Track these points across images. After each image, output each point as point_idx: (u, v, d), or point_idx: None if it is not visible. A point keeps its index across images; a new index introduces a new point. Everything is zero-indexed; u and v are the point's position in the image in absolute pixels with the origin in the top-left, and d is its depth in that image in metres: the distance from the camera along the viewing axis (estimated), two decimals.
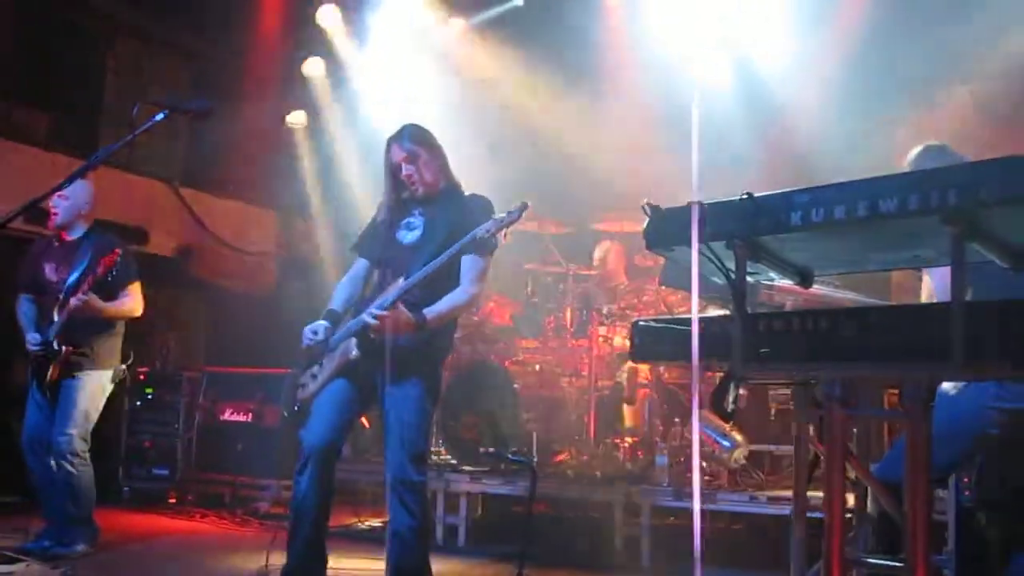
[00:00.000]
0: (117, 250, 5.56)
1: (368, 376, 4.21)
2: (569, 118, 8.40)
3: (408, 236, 4.36)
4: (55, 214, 5.74)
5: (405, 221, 4.40)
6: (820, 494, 2.51)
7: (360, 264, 4.58)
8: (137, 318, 5.88)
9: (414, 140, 4.35)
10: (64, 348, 5.55)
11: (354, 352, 4.13)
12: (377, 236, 4.50)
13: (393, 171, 4.37)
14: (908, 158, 3.95)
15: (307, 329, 4.32)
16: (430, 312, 4.09)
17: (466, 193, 4.47)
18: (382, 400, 4.24)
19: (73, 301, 5.42)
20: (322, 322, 4.33)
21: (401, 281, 4.12)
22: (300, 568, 4.21)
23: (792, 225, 2.24)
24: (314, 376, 4.30)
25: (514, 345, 7.44)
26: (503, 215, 4.01)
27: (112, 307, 5.65)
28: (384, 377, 4.15)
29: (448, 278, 4.19)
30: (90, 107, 9.07)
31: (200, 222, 9.84)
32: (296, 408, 4.38)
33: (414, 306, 4.08)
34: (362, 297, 4.48)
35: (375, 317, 4.01)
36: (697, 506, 1.79)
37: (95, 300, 5.48)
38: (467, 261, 4.22)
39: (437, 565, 4.93)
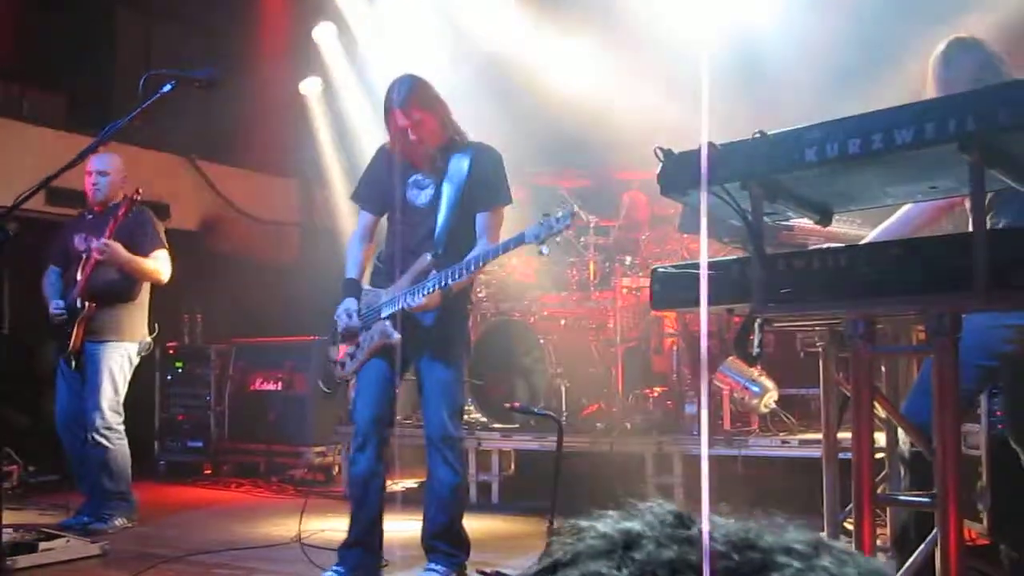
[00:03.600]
0: (138, 188, 5.57)
1: (399, 348, 4.24)
2: (585, 69, 8.30)
3: (420, 197, 4.32)
4: (96, 189, 5.75)
5: (413, 179, 4.35)
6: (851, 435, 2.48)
7: (365, 219, 4.53)
8: (164, 292, 5.90)
9: (417, 104, 4.18)
10: (87, 305, 5.56)
11: (395, 336, 4.16)
12: (380, 187, 4.45)
13: (397, 133, 4.25)
14: (935, 55, 3.71)
15: (341, 312, 4.33)
16: (455, 281, 4.10)
17: (473, 140, 4.40)
18: (414, 363, 4.33)
19: (95, 245, 5.42)
20: (351, 300, 4.34)
21: (428, 257, 4.12)
22: (362, 542, 4.27)
23: (807, 162, 2.20)
24: (351, 356, 4.33)
25: (538, 301, 7.42)
26: (553, 220, 3.87)
27: (136, 260, 5.64)
28: (413, 344, 4.24)
29: (467, 234, 4.23)
30: (103, 85, 9.06)
31: (221, 195, 9.85)
32: (336, 385, 4.45)
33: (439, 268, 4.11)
34: (373, 255, 4.52)
35: (411, 307, 4.09)
36: (705, 452, 1.77)
37: (117, 246, 5.48)
38: (482, 218, 4.27)
39: (472, 522, 4.96)
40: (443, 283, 4.04)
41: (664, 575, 0.89)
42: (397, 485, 6.97)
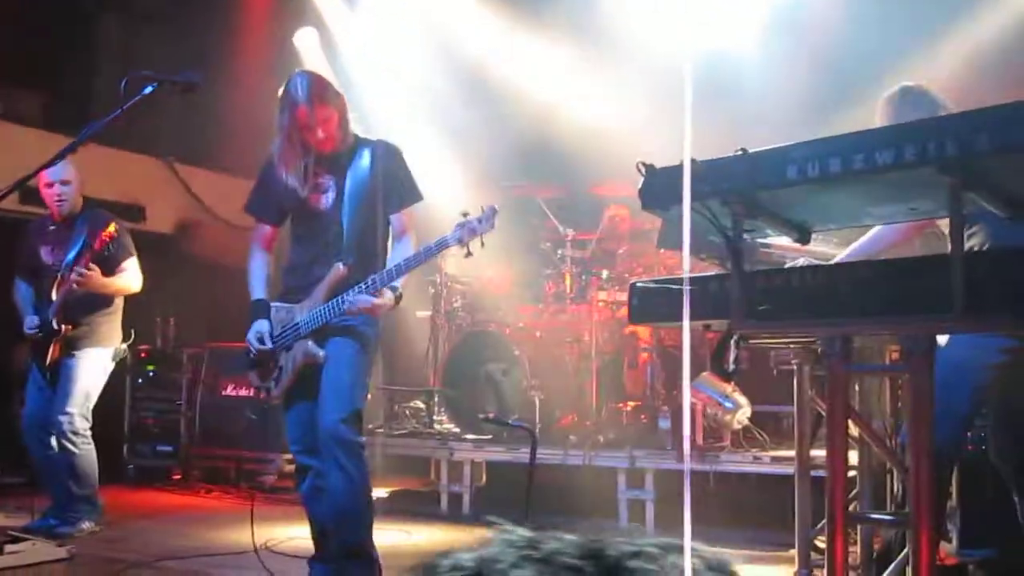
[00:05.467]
0: (113, 222, 5.53)
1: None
2: (566, 81, 8.33)
3: (322, 200, 4.15)
4: (62, 201, 5.67)
5: (313, 183, 4.15)
6: (824, 453, 2.49)
7: (263, 231, 4.39)
8: (137, 295, 5.87)
9: (321, 100, 4.00)
10: (63, 327, 5.55)
11: (320, 354, 4.02)
12: (277, 195, 4.25)
13: (300, 131, 4.04)
14: (884, 101, 3.80)
15: (251, 336, 4.18)
16: (400, 283, 3.99)
17: (369, 139, 4.23)
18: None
19: (73, 275, 5.39)
20: (262, 323, 4.18)
21: (340, 267, 4.00)
22: (322, 555, 4.24)
23: (788, 180, 2.21)
24: (276, 380, 4.17)
25: (514, 312, 7.42)
26: (475, 221, 3.78)
27: (112, 282, 5.63)
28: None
29: (375, 236, 4.07)
30: (84, 86, 9.02)
31: (197, 198, 9.80)
32: (264, 411, 4.33)
33: (359, 273, 3.97)
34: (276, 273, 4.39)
35: (373, 307, 3.91)
36: (687, 467, 1.77)
37: (95, 275, 5.45)
38: (397, 220, 4.15)
39: (442, 534, 4.94)
40: (376, 285, 3.89)
41: None
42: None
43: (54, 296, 5.54)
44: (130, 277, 5.74)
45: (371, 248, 4.09)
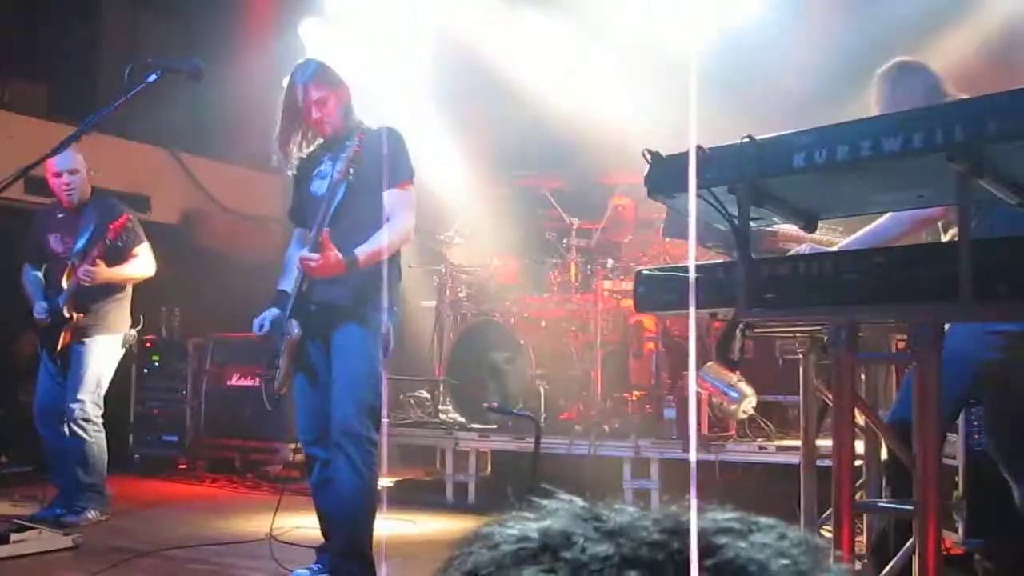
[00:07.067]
0: (126, 214, 5.53)
1: (319, 348, 4.15)
2: (571, 71, 8.29)
3: (322, 186, 4.18)
4: (71, 190, 5.67)
5: (316, 171, 4.25)
6: (830, 442, 2.48)
7: (299, 232, 4.44)
8: (142, 286, 5.86)
9: (321, 82, 4.11)
10: (75, 315, 5.54)
11: (296, 331, 4.07)
12: (300, 200, 4.38)
13: (302, 114, 4.17)
14: (880, 75, 3.68)
15: (255, 323, 4.24)
16: (360, 251, 3.96)
17: (374, 127, 4.24)
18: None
19: (80, 272, 5.39)
20: (271, 311, 4.23)
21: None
22: (331, 547, 4.26)
23: (795, 167, 2.20)
24: (276, 367, 4.21)
25: (519, 302, 7.41)
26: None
27: (122, 272, 5.64)
28: (329, 337, 4.12)
29: (368, 214, 4.05)
30: (88, 75, 9.01)
31: (203, 188, 9.80)
32: (276, 400, 4.36)
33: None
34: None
35: (303, 261, 3.91)
36: (693, 457, 1.77)
37: (103, 270, 5.45)
38: (388, 196, 4.09)
39: (448, 523, 4.92)
40: (314, 243, 3.91)
41: (604, 571, 0.84)
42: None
43: (64, 284, 5.55)
44: (142, 263, 5.74)
45: (360, 223, 4.05)
